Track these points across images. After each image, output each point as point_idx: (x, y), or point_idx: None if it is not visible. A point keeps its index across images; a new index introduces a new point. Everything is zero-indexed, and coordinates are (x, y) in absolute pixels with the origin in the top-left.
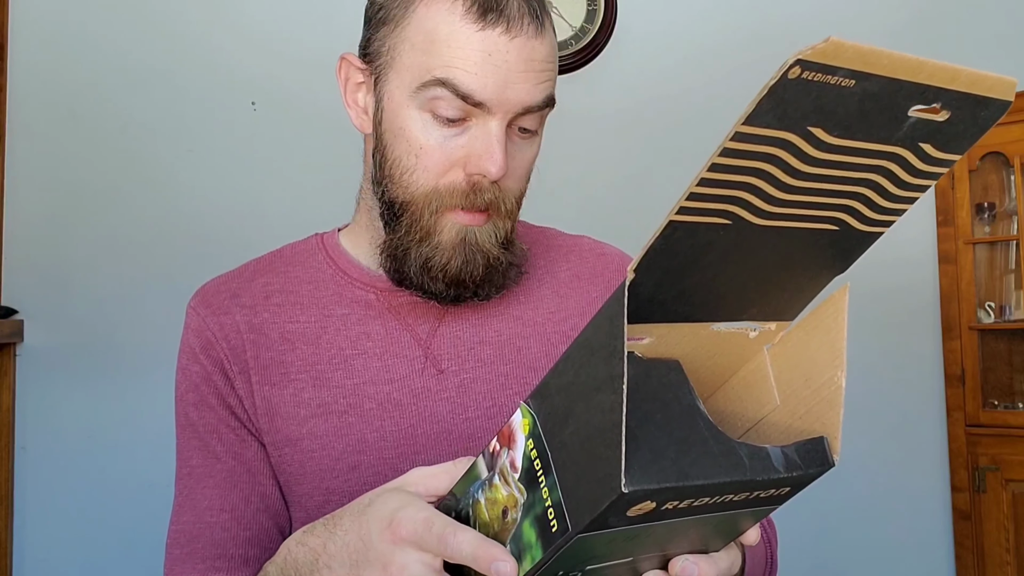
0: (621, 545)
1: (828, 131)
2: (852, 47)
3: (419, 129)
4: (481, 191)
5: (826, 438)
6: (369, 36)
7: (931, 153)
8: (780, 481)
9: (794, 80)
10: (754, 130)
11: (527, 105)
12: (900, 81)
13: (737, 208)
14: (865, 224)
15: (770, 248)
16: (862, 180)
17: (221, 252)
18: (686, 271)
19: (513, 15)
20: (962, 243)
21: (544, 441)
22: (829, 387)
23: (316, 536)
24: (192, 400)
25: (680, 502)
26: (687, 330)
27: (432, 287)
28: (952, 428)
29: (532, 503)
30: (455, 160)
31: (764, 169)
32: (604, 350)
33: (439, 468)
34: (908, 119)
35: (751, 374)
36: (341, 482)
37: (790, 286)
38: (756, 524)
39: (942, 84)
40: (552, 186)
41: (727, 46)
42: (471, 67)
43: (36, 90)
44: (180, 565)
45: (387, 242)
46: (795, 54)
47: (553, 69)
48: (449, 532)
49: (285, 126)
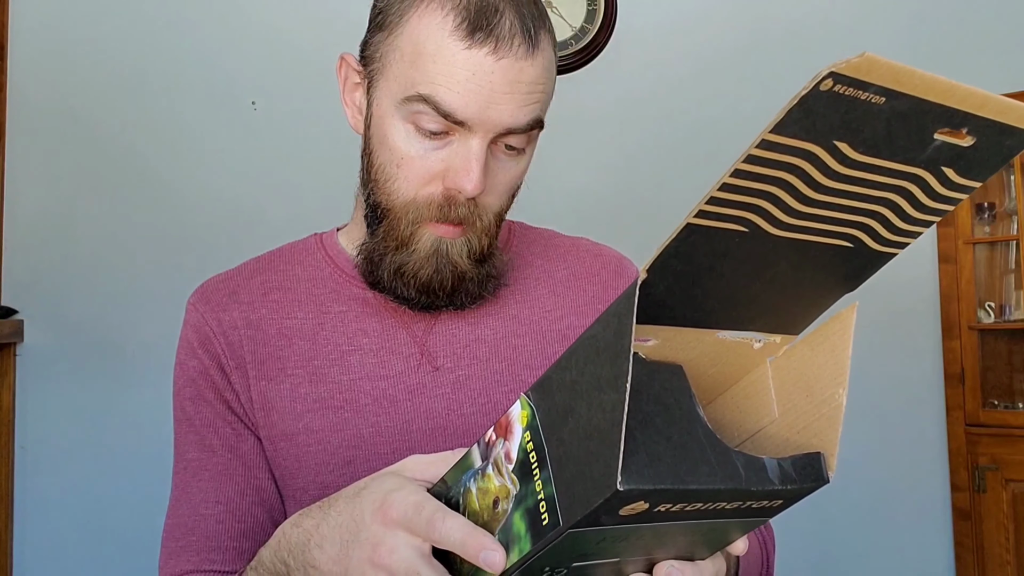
0: (609, 545)
1: (853, 147)
2: (886, 64)
3: (402, 139)
4: (456, 205)
5: (823, 454)
6: (367, 39)
7: (952, 178)
8: (774, 493)
9: (825, 92)
10: (781, 139)
11: (509, 127)
12: (929, 103)
13: (755, 216)
14: (880, 244)
15: (784, 260)
16: (881, 199)
17: (221, 252)
18: (698, 276)
19: (503, 35)
20: (962, 243)
21: (542, 435)
22: (830, 404)
23: (311, 518)
24: (189, 395)
25: (673, 505)
26: (692, 335)
27: (404, 292)
28: (952, 428)
29: (524, 495)
30: (434, 173)
31: (786, 179)
32: (610, 349)
33: (436, 456)
34: (933, 142)
35: (751, 385)
36: (336, 476)
37: (799, 300)
38: (744, 535)
39: (971, 109)
40: (551, 186)
41: (727, 46)
42: (454, 85)
43: (36, 90)
44: (175, 557)
45: (365, 244)
46: (828, 66)
47: (543, 90)
48: (438, 517)
49: (285, 126)
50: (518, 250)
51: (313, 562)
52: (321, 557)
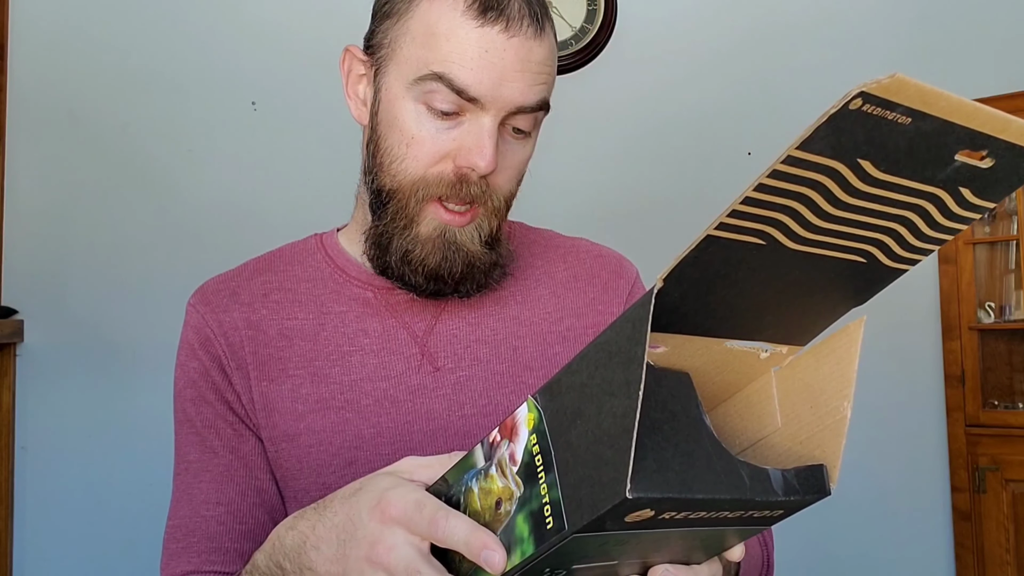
0: (611, 548)
1: (876, 165)
2: (915, 86)
3: (412, 120)
4: (468, 184)
5: (825, 466)
6: (374, 29)
7: (968, 198)
8: (777, 504)
9: (854, 111)
10: (806, 156)
11: (520, 104)
12: (953, 124)
13: (774, 230)
14: (892, 260)
15: (797, 272)
16: (898, 217)
17: (221, 252)
18: (713, 286)
19: (513, 15)
20: (962, 243)
21: (549, 438)
22: (834, 416)
23: (306, 520)
24: (190, 396)
25: (677, 513)
26: (701, 344)
27: (412, 279)
28: (952, 428)
29: (528, 498)
30: (445, 152)
31: (808, 195)
32: (623, 355)
33: (432, 459)
34: (953, 163)
35: (755, 393)
36: (337, 477)
37: (808, 312)
38: (741, 542)
39: (993, 132)
40: (551, 186)
41: (727, 46)
42: (468, 63)
43: (36, 90)
44: (175, 559)
45: (372, 229)
46: (859, 86)
47: (550, 72)
48: (441, 516)
49: (285, 126)
50: (518, 250)
51: (310, 564)
52: (318, 558)
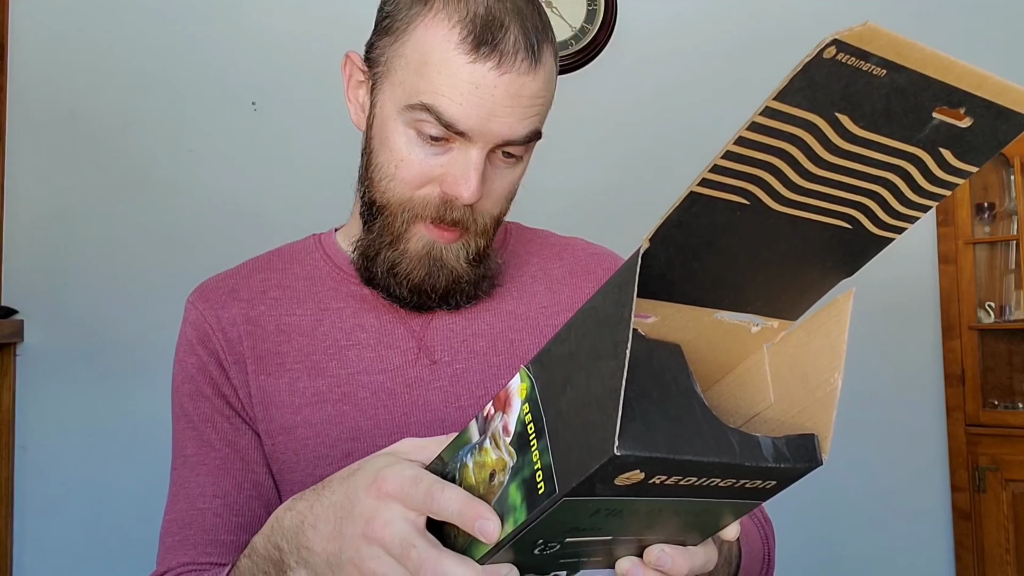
0: (603, 520)
1: (854, 120)
2: (887, 34)
3: (403, 143)
4: (452, 208)
5: (817, 436)
6: (373, 41)
7: (949, 160)
8: (768, 471)
9: (828, 60)
10: (784, 107)
11: (508, 139)
12: (929, 79)
13: (757, 189)
14: (878, 227)
15: (783, 238)
16: (880, 179)
17: (220, 252)
18: (699, 251)
19: (507, 50)
20: (962, 243)
21: (540, 406)
22: (825, 388)
23: (304, 500)
24: (187, 391)
25: (668, 477)
26: (691, 314)
27: (396, 291)
28: (952, 428)
29: (521, 466)
30: (433, 176)
31: (788, 151)
32: (611, 318)
33: (430, 440)
34: (931, 120)
35: (748, 372)
36: (335, 470)
37: (797, 282)
38: (736, 521)
39: (969, 88)
40: (550, 186)
41: (727, 46)
42: (457, 97)
43: (36, 90)
44: (172, 551)
45: (361, 240)
46: (832, 34)
47: (544, 103)
48: (436, 489)
49: (285, 126)
50: (515, 248)
51: (307, 543)
52: (315, 537)
